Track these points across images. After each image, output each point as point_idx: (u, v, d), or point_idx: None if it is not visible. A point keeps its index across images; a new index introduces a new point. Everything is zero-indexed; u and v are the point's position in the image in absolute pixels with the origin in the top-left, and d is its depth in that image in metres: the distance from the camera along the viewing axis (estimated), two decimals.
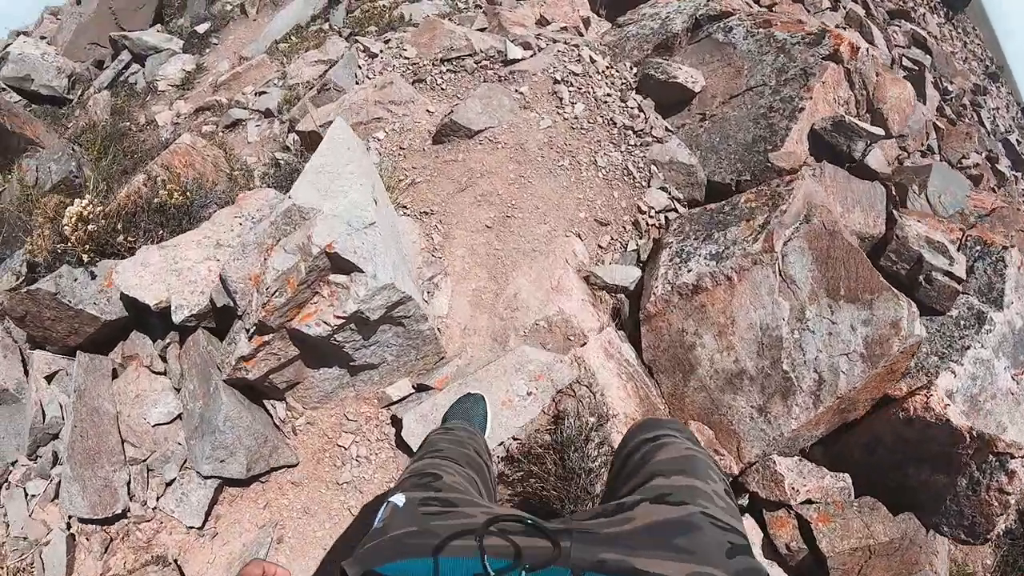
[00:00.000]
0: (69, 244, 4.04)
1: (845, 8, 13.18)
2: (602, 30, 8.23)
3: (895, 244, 4.88)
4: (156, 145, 6.76)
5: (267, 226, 3.29)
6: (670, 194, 4.98)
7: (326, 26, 8.21)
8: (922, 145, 8.16)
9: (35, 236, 4.32)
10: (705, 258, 4.25)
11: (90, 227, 4.10)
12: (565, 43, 6.13)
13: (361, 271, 3.18)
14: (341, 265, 3.18)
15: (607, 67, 5.81)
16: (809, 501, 3.94)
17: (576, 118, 5.23)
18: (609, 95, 5.46)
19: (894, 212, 5.09)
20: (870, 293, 4.00)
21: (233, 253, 3.36)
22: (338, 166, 3.35)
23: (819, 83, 5.15)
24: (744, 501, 4.03)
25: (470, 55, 5.95)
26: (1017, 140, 22.06)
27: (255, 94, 6.99)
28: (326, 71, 6.78)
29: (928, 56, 16.22)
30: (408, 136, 5.26)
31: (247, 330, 3.25)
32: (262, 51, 8.17)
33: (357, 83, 6.17)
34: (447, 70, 5.91)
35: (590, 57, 5.80)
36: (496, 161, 4.91)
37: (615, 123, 5.25)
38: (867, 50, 5.47)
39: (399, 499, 1.41)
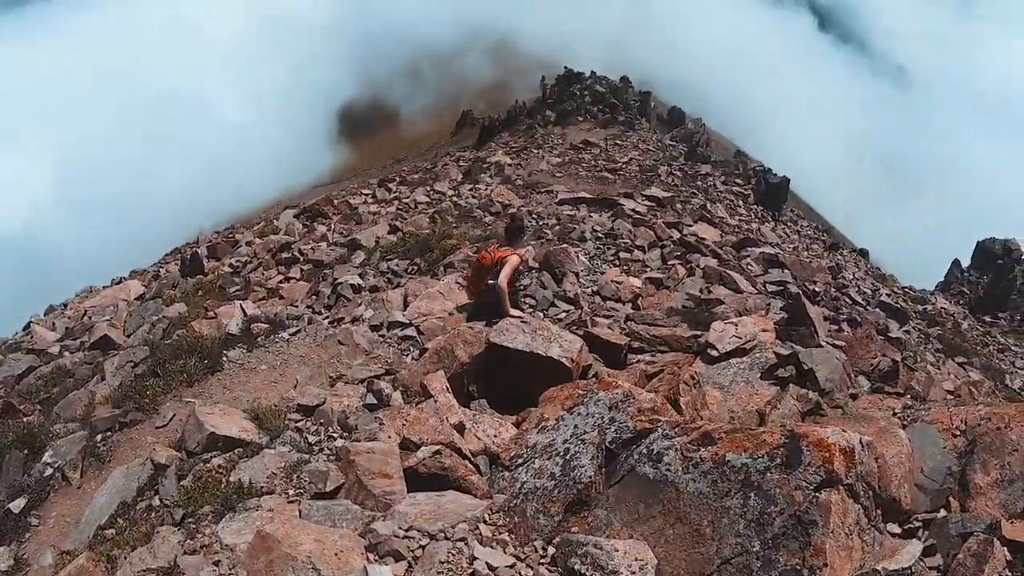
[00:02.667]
0: None
1: (699, 267, 12.71)
2: (483, 428, 6.66)
3: None
4: None
5: None
6: None
7: (156, 501, 6.65)
8: None
9: None
10: None
11: None
12: (446, 537, 4.38)
13: None
14: None
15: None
16: None
17: None
18: None
19: None
20: None
21: None
22: None
23: (828, 537, 3.55)
24: None
25: None
26: (886, 294, 22.46)
27: None
28: None
29: (785, 270, 16.09)
30: None
31: None
32: (86, 539, 6.58)
33: None
34: None
35: (487, 565, 4.02)
36: None
37: None
38: (861, 442, 4.02)
39: None
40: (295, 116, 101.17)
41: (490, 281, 8.44)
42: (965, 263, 31.78)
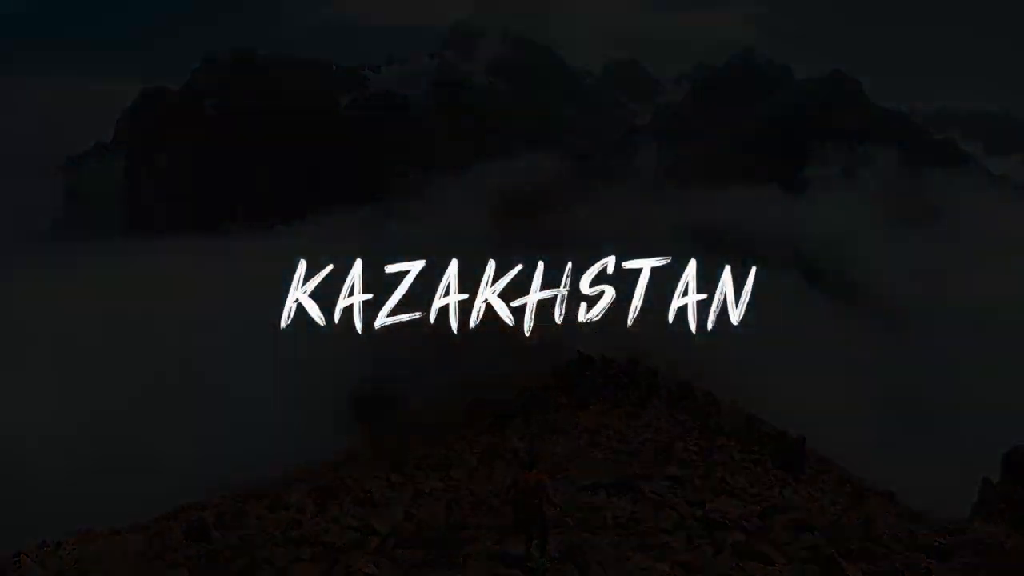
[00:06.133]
0: None
1: (728, 543, 12.33)
2: None
3: None
4: None
5: None
6: None
7: None
8: None
9: None
10: None
11: None
12: None
13: None
14: None
15: None
16: None
17: None
18: None
19: None
20: None
21: None
22: None
23: None
24: None
25: None
26: (922, 534, 21.19)
27: None
28: None
29: (816, 532, 15.63)
30: None
31: None
32: None
33: None
34: None
35: None
36: None
37: None
38: None
39: None
40: (306, 395, 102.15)
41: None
42: (995, 479, 30.25)
